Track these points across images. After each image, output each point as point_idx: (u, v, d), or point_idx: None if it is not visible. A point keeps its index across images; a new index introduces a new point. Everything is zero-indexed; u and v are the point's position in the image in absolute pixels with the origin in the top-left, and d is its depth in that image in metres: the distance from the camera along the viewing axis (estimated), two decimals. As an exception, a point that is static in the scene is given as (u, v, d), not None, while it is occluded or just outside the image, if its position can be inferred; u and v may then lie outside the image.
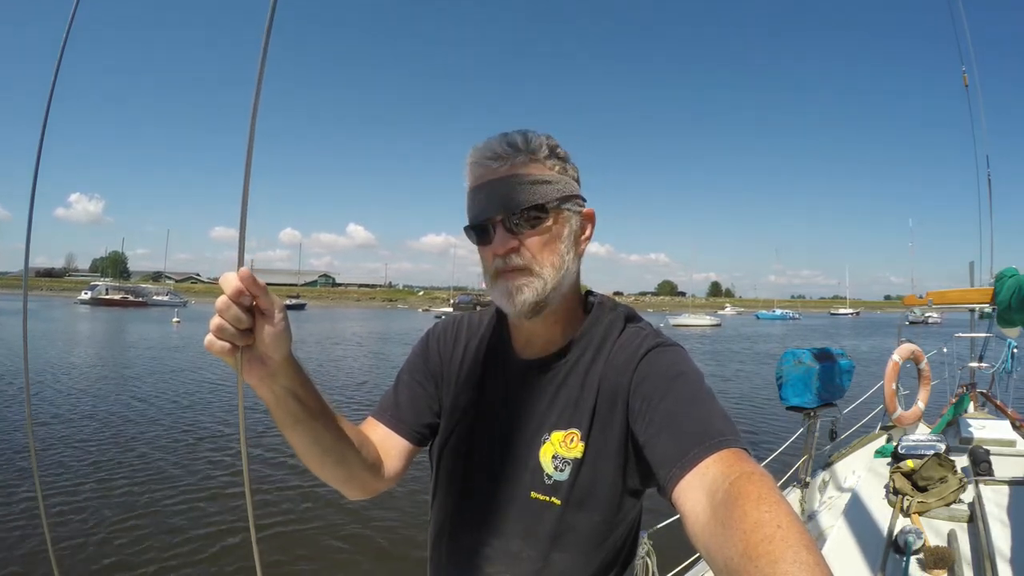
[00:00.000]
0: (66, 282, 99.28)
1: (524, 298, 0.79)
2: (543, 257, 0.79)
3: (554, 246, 0.80)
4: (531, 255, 0.79)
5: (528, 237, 0.79)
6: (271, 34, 0.54)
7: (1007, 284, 3.49)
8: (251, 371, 0.64)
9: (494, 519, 0.83)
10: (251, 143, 0.53)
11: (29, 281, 0.71)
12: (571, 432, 0.81)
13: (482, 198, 0.79)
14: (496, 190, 0.78)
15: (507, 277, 0.79)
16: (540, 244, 0.79)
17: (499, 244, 0.78)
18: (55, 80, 0.69)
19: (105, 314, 42.12)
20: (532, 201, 0.78)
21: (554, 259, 0.80)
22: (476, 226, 0.81)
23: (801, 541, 0.46)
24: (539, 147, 0.81)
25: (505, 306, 0.81)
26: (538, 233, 0.79)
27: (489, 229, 0.80)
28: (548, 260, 0.79)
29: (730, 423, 0.68)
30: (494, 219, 0.79)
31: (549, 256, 0.80)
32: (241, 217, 0.55)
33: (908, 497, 2.38)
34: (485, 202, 0.79)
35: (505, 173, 0.79)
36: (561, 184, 0.81)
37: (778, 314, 76.35)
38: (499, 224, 0.79)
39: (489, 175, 0.80)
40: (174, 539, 4.62)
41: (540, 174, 0.79)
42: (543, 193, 0.79)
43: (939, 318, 36.44)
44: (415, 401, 0.92)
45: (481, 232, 0.81)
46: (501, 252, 0.78)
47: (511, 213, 0.78)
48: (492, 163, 0.79)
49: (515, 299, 0.79)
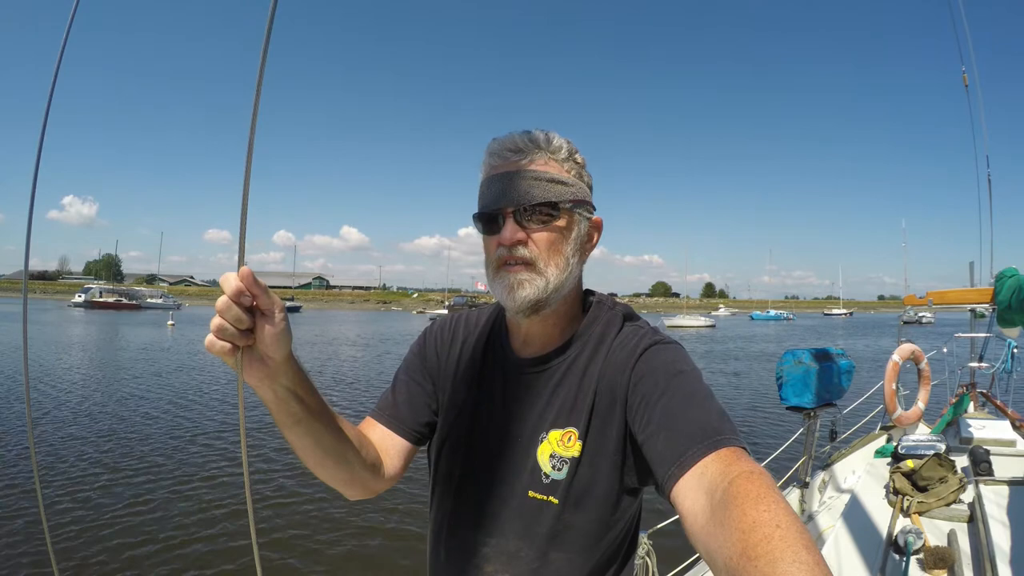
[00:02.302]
0: (59, 285, 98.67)
1: (525, 294, 0.79)
2: (548, 256, 0.79)
3: (560, 247, 0.80)
4: (537, 251, 0.79)
5: (536, 233, 0.79)
6: (271, 35, 0.54)
7: (1007, 284, 3.49)
8: (251, 371, 0.64)
9: (492, 518, 0.83)
10: (251, 144, 0.53)
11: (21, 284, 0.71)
12: (569, 431, 0.80)
13: (496, 187, 0.80)
14: (511, 181, 0.79)
15: (510, 270, 0.79)
16: (547, 242, 0.79)
17: (507, 234, 0.78)
18: (54, 82, 0.69)
19: (99, 317, 42.03)
20: (545, 198, 0.78)
21: (559, 260, 0.80)
22: (486, 214, 0.81)
23: (800, 541, 0.46)
24: (559, 148, 0.81)
25: (505, 300, 0.81)
26: (547, 231, 0.79)
27: (499, 219, 0.80)
28: (553, 260, 0.80)
29: (729, 422, 0.67)
30: (505, 210, 0.79)
31: (554, 256, 0.80)
32: (241, 218, 0.55)
33: (908, 497, 2.37)
34: (499, 192, 0.79)
35: (522, 166, 0.79)
36: (575, 188, 0.81)
37: (772, 315, 76.41)
38: (509, 215, 0.79)
39: (506, 166, 0.80)
40: (174, 539, 4.62)
41: (556, 173, 0.80)
42: (557, 192, 0.79)
43: (932, 318, 36.54)
44: (413, 400, 0.92)
45: (490, 221, 0.81)
46: (508, 242, 0.78)
47: (523, 206, 0.78)
48: (511, 155, 0.80)
49: (516, 294, 0.79)
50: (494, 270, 0.81)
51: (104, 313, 48.21)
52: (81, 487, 5.68)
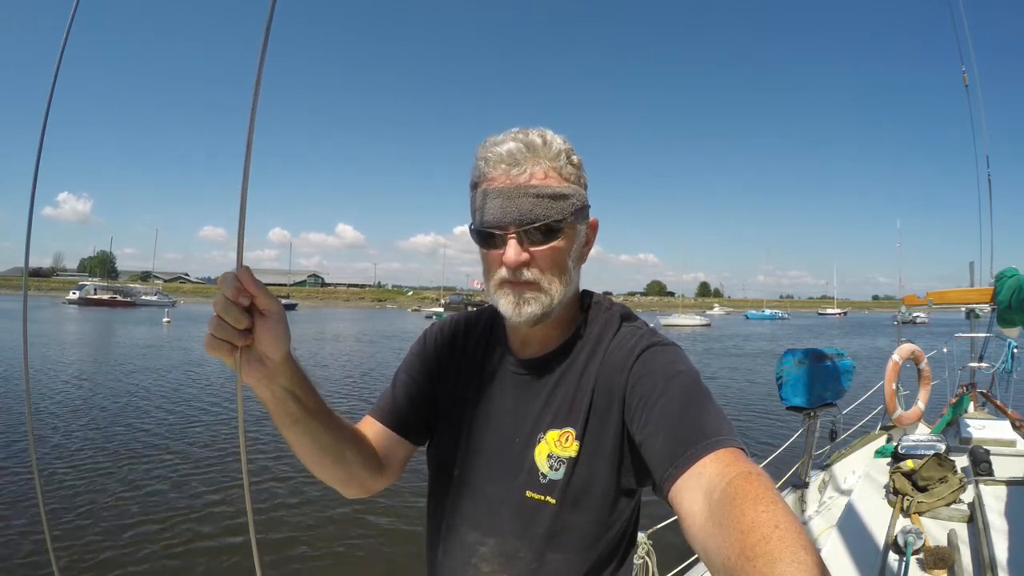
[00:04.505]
0: (54, 282, 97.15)
1: (531, 311, 0.79)
2: (552, 273, 0.79)
3: (563, 261, 0.80)
4: (540, 271, 0.78)
5: (540, 251, 0.78)
6: (270, 34, 0.53)
7: (1007, 284, 3.49)
8: (250, 371, 0.64)
9: (490, 518, 0.83)
10: (250, 143, 0.53)
11: (18, 281, 0.71)
12: (566, 431, 0.80)
13: (496, 205, 0.76)
14: (512, 200, 0.76)
15: (514, 288, 0.79)
16: (550, 259, 0.79)
17: (511, 257, 0.77)
18: (54, 81, 0.69)
19: (94, 314, 41.84)
20: (549, 217, 0.76)
21: (562, 275, 0.80)
22: (486, 233, 0.79)
23: (799, 541, 0.46)
24: (558, 154, 0.79)
25: (509, 316, 0.80)
26: (550, 248, 0.78)
27: (498, 236, 0.78)
28: (556, 276, 0.79)
29: (727, 422, 0.67)
30: (507, 231, 0.77)
31: (558, 272, 0.79)
32: (240, 216, 0.55)
33: (908, 497, 2.37)
34: (499, 211, 0.76)
35: (522, 182, 0.76)
36: (575, 197, 0.79)
37: (767, 314, 76.57)
38: (512, 237, 0.77)
39: (505, 180, 0.77)
40: (174, 538, 4.62)
41: (558, 186, 0.77)
42: (560, 209, 0.77)
43: (926, 318, 36.63)
44: (412, 400, 0.92)
45: (489, 237, 0.79)
46: (512, 265, 0.77)
47: (526, 228, 0.76)
48: (511, 169, 0.77)
49: (522, 311, 0.79)
50: (496, 285, 0.81)
51: (99, 311, 47.94)
52: (81, 487, 5.68)
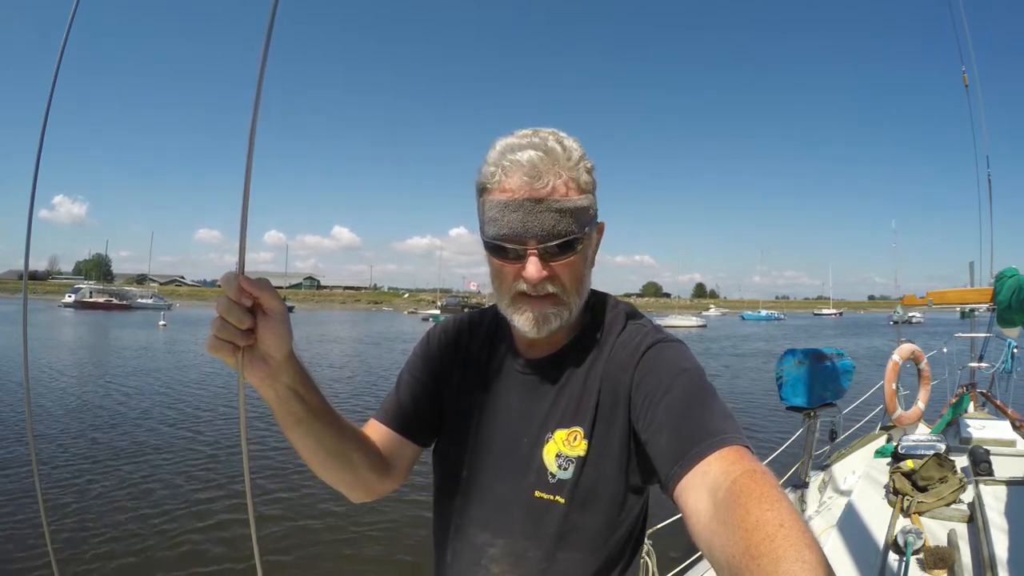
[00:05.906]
0: (49, 285, 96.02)
1: (551, 327, 0.78)
2: (571, 285, 0.78)
3: (581, 273, 0.80)
4: (560, 284, 0.77)
5: (560, 265, 0.77)
6: (271, 37, 0.53)
7: (1007, 284, 3.49)
8: (253, 371, 0.64)
9: (498, 519, 0.83)
10: (251, 143, 0.53)
11: (13, 284, 0.71)
12: (574, 430, 0.80)
13: (517, 219, 0.73)
14: (533, 215, 0.73)
15: (533, 305, 0.78)
16: (569, 272, 0.78)
17: (533, 274, 0.75)
18: (54, 83, 0.69)
19: (89, 317, 41.84)
20: (572, 233, 0.75)
21: (580, 287, 0.80)
22: (505, 248, 0.76)
23: (803, 540, 0.46)
24: (576, 162, 0.76)
25: (527, 331, 0.79)
26: (569, 263, 0.77)
27: (518, 251, 0.76)
28: (575, 287, 0.79)
29: (732, 420, 0.67)
30: (529, 248, 0.75)
31: (576, 284, 0.79)
32: (242, 218, 0.55)
33: (908, 497, 2.37)
34: (520, 226, 0.73)
35: (544, 195, 0.73)
36: (592, 207, 0.78)
37: (763, 315, 76.78)
38: (534, 253, 0.75)
39: (525, 192, 0.73)
40: (174, 537, 4.62)
41: (578, 198, 0.75)
42: (581, 222, 0.76)
43: (922, 318, 36.70)
44: (417, 402, 0.92)
45: (505, 250, 0.77)
46: (535, 280, 0.75)
47: (548, 244, 0.74)
48: (533, 182, 0.73)
49: (541, 328, 0.78)
50: (511, 298, 0.79)
51: (95, 314, 47.97)
52: (82, 487, 5.67)
